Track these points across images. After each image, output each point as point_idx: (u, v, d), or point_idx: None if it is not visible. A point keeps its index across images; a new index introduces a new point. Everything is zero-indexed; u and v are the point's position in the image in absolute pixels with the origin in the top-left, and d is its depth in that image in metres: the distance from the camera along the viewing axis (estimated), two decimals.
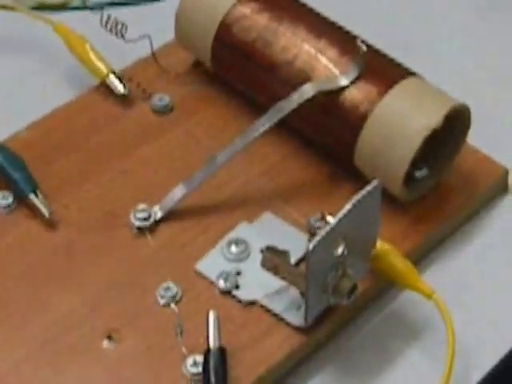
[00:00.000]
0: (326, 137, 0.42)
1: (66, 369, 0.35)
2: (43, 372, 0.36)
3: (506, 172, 0.42)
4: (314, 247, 0.32)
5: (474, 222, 0.43)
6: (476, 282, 0.40)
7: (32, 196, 0.40)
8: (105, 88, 0.45)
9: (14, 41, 0.48)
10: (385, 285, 0.38)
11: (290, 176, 0.43)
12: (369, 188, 0.34)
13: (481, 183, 0.43)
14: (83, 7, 0.49)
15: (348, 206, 0.33)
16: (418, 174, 0.40)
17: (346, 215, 0.33)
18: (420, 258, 0.39)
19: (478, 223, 0.43)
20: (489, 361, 0.37)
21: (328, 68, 0.42)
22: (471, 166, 0.43)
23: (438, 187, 0.42)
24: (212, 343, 0.34)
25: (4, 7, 0.47)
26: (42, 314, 0.37)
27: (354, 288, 0.36)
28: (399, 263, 0.38)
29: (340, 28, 0.42)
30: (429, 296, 0.36)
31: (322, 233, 0.32)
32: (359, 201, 0.33)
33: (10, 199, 0.41)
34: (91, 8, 0.49)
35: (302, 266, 0.34)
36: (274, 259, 0.35)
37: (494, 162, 0.43)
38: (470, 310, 0.37)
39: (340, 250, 0.34)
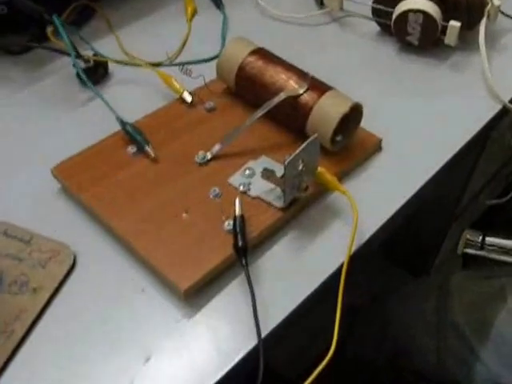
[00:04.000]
0: (292, 119, 0.49)
1: (166, 224, 0.40)
2: (154, 226, 0.40)
3: (380, 140, 0.49)
4: (288, 164, 0.40)
5: (366, 163, 0.48)
6: (365, 188, 0.45)
7: (147, 147, 0.45)
8: (181, 99, 0.51)
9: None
10: (322, 189, 0.45)
11: (274, 139, 0.48)
12: (312, 138, 0.41)
13: (368, 144, 0.49)
14: (171, 64, 0.47)
15: (304, 144, 0.41)
16: (338, 138, 0.46)
17: (303, 148, 0.40)
18: (339, 178, 0.44)
19: (368, 163, 0.48)
20: (375, 223, 0.42)
21: (292, 85, 0.47)
22: (363, 136, 0.49)
23: (347, 145, 0.47)
24: (237, 213, 0.40)
25: (134, 64, 0.53)
26: (157, 195, 0.42)
27: (307, 188, 0.43)
28: (329, 177, 0.45)
29: (297, 67, 0.49)
30: (344, 193, 0.43)
31: (291, 156, 0.39)
32: (308, 143, 0.41)
33: (135, 149, 0.46)
34: (175, 64, 0.47)
35: (283, 178, 0.40)
36: (268, 174, 0.42)
37: (374, 135, 0.50)
38: (364, 201, 0.42)
39: (300, 167, 0.42)
